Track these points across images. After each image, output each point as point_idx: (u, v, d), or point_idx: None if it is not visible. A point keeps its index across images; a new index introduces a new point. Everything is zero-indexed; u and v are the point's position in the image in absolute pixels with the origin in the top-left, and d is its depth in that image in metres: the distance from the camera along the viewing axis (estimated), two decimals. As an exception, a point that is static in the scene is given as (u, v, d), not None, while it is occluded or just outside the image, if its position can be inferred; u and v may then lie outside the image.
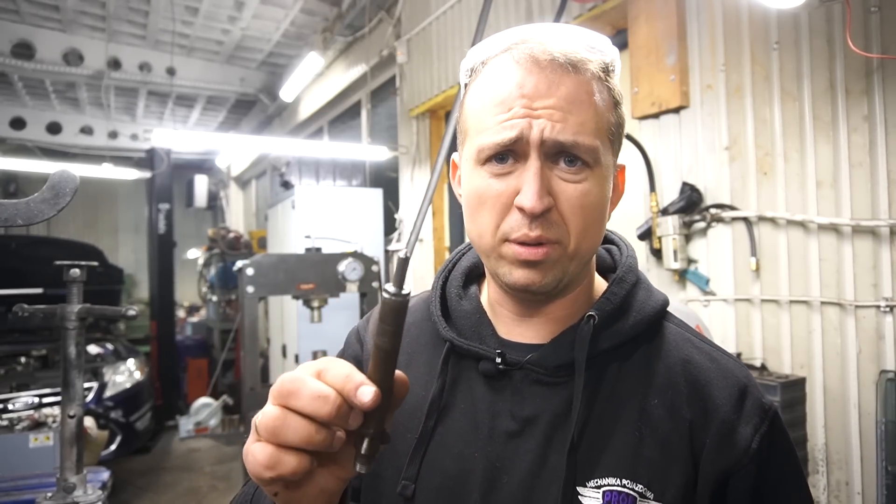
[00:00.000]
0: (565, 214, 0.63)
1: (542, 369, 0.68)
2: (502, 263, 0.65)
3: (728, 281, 2.35)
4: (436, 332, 0.75)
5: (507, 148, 0.63)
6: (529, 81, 0.62)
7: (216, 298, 7.55)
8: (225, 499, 4.60)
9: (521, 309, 0.71)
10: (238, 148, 7.86)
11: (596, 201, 0.64)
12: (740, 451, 0.64)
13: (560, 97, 0.62)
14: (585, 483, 0.63)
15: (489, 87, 0.66)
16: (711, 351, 0.71)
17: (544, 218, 0.62)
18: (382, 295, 0.45)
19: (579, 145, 0.62)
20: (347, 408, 0.45)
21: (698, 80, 2.45)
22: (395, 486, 0.68)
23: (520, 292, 0.67)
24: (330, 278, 3.36)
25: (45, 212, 0.85)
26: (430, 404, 0.70)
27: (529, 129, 0.61)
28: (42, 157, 7.23)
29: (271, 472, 0.45)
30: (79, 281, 1.57)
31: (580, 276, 0.70)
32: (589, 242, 0.65)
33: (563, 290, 0.69)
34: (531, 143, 0.62)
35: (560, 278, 0.65)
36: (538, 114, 0.61)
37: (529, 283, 0.64)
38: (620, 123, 0.68)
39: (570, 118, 0.62)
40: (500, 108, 0.63)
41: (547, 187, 0.62)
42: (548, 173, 0.63)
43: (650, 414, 0.66)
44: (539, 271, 0.64)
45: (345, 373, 0.46)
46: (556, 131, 0.61)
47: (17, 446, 3.12)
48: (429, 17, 4.15)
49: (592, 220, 0.64)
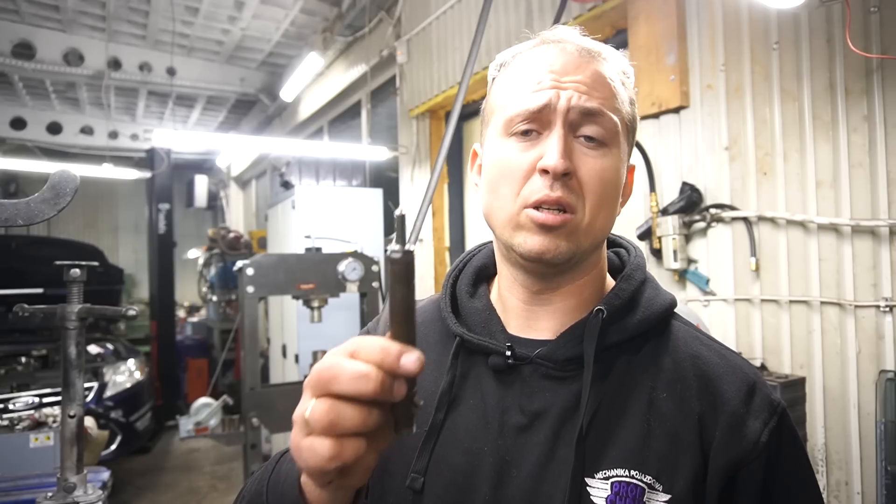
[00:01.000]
0: (584, 184, 0.66)
1: (551, 363, 0.68)
2: (519, 233, 0.67)
3: (728, 281, 2.35)
4: (445, 329, 0.76)
5: (534, 116, 0.66)
6: (558, 61, 0.68)
7: (216, 298, 7.55)
8: (225, 499, 4.61)
9: (530, 296, 0.72)
10: (238, 148, 7.86)
11: (612, 178, 0.67)
12: (749, 444, 0.64)
13: (586, 75, 0.67)
14: (594, 474, 0.64)
15: (520, 71, 0.70)
16: (720, 348, 0.73)
17: (564, 182, 0.64)
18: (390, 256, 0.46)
19: (605, 114, 0.66)
20: (390, 380, 0.44)
21: (698, 80, 2.46)
22: (403, 479, 0.68)
23: (533, 262, 0.68)
24: (330, 278, 3.35)
25: (45, 212, 0.85)
26: (440, 398, 0.71)
27: (557, 98, 0.66)
28: (42, 157, 7.23)
29: (336, 463, 0.44)
30: (79, 281, 1.57)
31: (590, 260, 0.71)
32: (602, 219, 0.67)
33: (572, 272, 0.70)
34: (558, 111, 0.65)
35: (573, 251, 0.66)
36: (566, 86, 0.66)
37: (544, 251, 0.65)
38: (635, 119, 0.73)
39: (594, 93, 0.66)
40: (530, 82, 0.68)
41: (569, 153, 0.65)
42: (570, 142, 0.66)
43: (659, 406, 0.66)
44: (553, 238, 0.65)
45: (379, 345, 0.45)
46: (583, 100, 0.65)
47: (17, 446, 3.12)
48: (429, 17, 4.15)
49: (607, 197, 0.67)
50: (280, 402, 3.16)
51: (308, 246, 3.81)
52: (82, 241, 7.53)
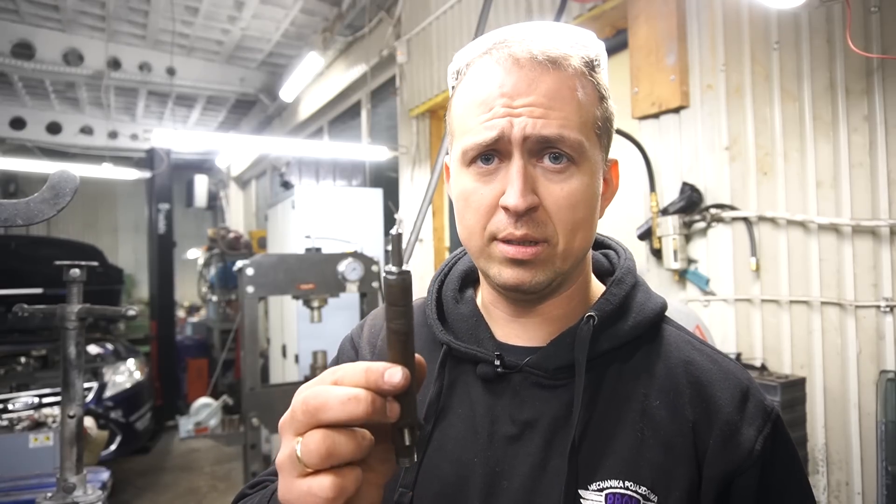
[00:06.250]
0: (552, 213, 0.62)
1: (542, 372, 0.67)
2: (492, 263, 0.65)
3: (728, 281, 2.35)
4: (432, 336, 0.74)
5: (490, 148, 0.63)
6: (509, 81, 0.62)
7: (216, 298, 7.55)
8: (225, 499, 4.60)
9: (515, 309, 0.71)
10: (238, 148, 7.86)
11: (584, 198, 0.64)
12: (744, 453, 0.63)
13: (540, 94, 0.61)
14: (587, 486, 0.63)
15: (471, 89, 0.66)
16: (712, 353, 0.71)
17: (529, 217, 0.61)
18: (386, 278, 0.44)
19: (564, 138, 0.61)
20: (382, 400, 0.42)
21: (698, 80, 2.45)
22: (392, 493, 0.66)
23: (511, 292, 0.66)
24: (330, 278, 3.35)
25: (45, 212, 0.85)
26: (428, 408, 0.69)
27: (511, 127, 0.61)
28: (42, 157, 7.23)
29: (340, 499, 0.42)
30: (79, 281, 1.57)
31: (573, 274, 0.69)
32: (579, 240, 0.64)
33: (556, 289, 0.68)
34: (513, 141, 0.61)
35: (552, 278, 0.64)
36: (518, 112, 0.61)
37: (520, 283, 0.63)
38: (608, 118, 0.67)
39: (551, 113, 0.61)
40: (482, 109, 0.63)
41: (532, 186, 0.62)
42: (532, 172, 0.62)
43: (652, 415, 0.65)
44: (529, 270, 0.63)
45: (362, 367, 0.43)
46: (539, 127, 0.61)
47: (17, 446, 3.12)
48: (429, 17, 4.15)
49: (581, 218, 0.64)
50: (280, 402, 3.16)
51: (308, 246, 3.81)
52: (82, 241, 7.53)
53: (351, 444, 0.42)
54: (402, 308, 0.44)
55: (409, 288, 0.44)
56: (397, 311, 0.44)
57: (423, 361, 0.47)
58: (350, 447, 0.42)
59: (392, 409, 0.43)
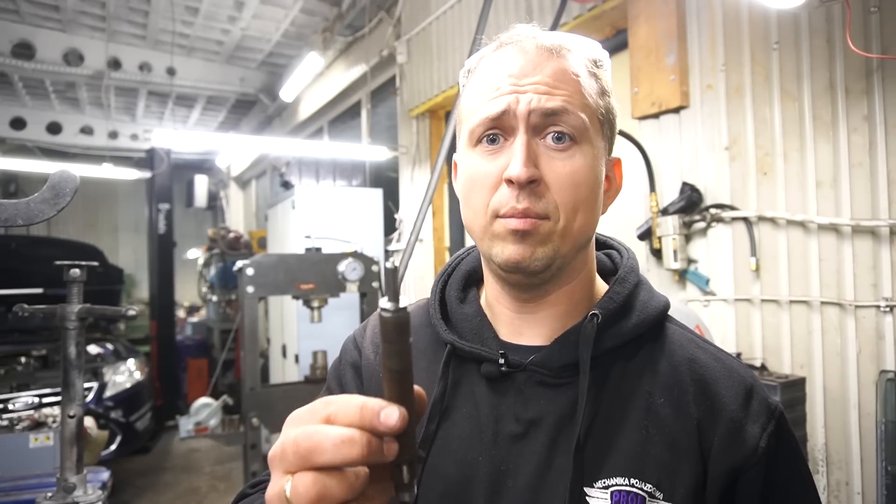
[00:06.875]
0: (553, 188, 0.63)
1: (546, 370, 0.67)
2: (495, 242, 0.65)
3: (728, 281, 2.35)
4: (435, 336, 0.75)
5: (496, 123, 0.64)
6: (516, 65, 0.65)
7: (216, 298, 7.55)
8: (225, 499, 4.60)
9: (519, 304, 0.71)
10: (238, 148, 7.86)
11: (585, 179, 0.65)
12: (749, 451, 0.64)
13: (546, 74, 0.64)
14: (593, 483, 0.63)
15: (481, 79, 0.69)
16: (715, 351, 0.71)
17: (531, 190, 0.63)
18: (381, 315, 0.41)
19: (568, 112, 0.63)
20: (378, 441, 0.40)
21: (698, 80, 2.45)
22: None
23: (513, 272, 0.66)
24: (330, 278, 3.35)
25: (45, 212, 0.85)
26: (432, 408, 0.69)
27: (517, 103, 0.64)
28: (42, 157, 7.23)
29: None
30: (79, 281, 1.57)
31: (575, 264, 0.69)
32: (581, 221, 0.65)
33: (557, 277, 0.68)
34: (518, 116, 0.63)
35: (552, 257, 0.64)
36: (524, 89, 0.64)
37: (520, 259, 0.63)
38: (610, 111, 0.70)
39: (556, 91, 0.64)
40: (489, 90, 0.66)
41: (534, 159, 0.63)
42: (535, 147, 0.64)
43: (657, 413, 0.65)
44: (529, 245, 0.63)
45: (357, 404, 0.41)
46: (543, 101, 0.63)
47: (17, 446, 3.12)
48: (429, 17, 4.15)
49: (583, 197, 0.65)
50: (280, 402, 3.16)
51: (308, 246, 3.81)
52: (82, 241, 7.53)
53: (342, 485, 0.40)
54: (399, 346, 0.41)
55: (407, 326, 0.41)
56: (392, 350, 0.41)
57: (422, 394, 0.45)
58: (342, 489, 0.40)
59: (390, 449, 0.41)
